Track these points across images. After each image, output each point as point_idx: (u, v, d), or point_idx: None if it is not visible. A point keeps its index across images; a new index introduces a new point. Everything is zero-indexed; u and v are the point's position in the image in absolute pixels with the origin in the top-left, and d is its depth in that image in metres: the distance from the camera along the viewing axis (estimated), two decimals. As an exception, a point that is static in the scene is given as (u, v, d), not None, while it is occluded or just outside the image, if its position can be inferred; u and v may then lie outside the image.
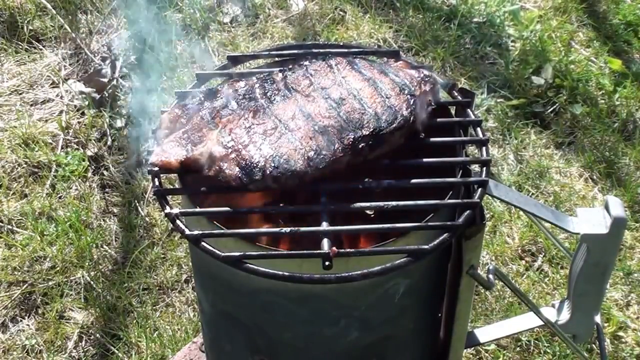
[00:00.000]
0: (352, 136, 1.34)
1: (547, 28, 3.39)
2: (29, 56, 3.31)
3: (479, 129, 1.48)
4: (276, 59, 1.64)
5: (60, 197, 2.74)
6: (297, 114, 1.38)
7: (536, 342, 2.29)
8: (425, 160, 1.41)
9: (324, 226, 1.30)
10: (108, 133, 2.95)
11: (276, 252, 1.33)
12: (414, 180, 1.38)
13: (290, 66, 1.49)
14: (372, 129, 1.35)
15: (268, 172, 1.30)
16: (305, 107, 1.39)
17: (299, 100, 1.41)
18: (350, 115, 1.37)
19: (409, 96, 1.41)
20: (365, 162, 1.37)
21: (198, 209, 1.39)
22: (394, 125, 1.37)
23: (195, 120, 1.40)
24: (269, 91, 1.43)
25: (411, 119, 1.39)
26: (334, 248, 1.25)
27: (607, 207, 1.48)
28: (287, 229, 1.30)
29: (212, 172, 1.33)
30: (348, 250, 1.29)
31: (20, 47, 3.35)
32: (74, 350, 2.33)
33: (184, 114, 1.42)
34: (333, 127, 1.35)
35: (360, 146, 1.34)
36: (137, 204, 2.71)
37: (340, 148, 1.33)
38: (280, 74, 1.47)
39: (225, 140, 1.34)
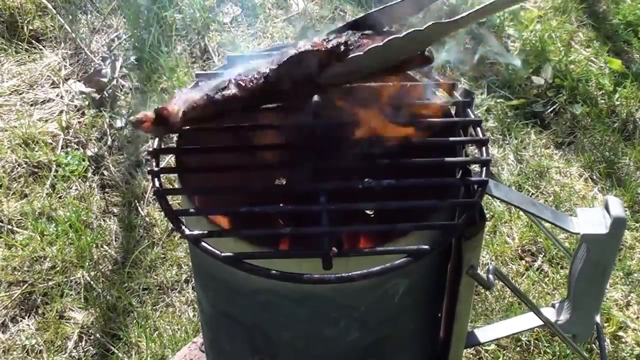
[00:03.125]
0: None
1: (547, 28, 3.39)
2: (29, 56, 3.31)
3: (479, 129, 1.48)
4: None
5: (60, 197, 2.74)
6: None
7: (536, 342, 2.29)
8: (425, 160, 1.41)
9: (324, 226, 1.30)
10: (108, 133, 2.95)
11: (276, 252, 1.33)
12: (413, 180, 1.38)
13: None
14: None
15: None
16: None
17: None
18: None
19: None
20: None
21: (198, 209, 1.39)
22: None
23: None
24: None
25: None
26: (334, 248, 1.25)
27: (607, 207, 1.48)
28: (287, 229, 1.30)
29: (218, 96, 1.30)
30: (348, 250, 1.29)
31: (20, 47, 3.35)
32: (74, 350, 2.33)
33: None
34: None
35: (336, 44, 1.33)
36: (137, 204, 2.71)
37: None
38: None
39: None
